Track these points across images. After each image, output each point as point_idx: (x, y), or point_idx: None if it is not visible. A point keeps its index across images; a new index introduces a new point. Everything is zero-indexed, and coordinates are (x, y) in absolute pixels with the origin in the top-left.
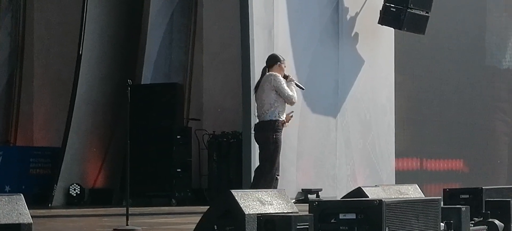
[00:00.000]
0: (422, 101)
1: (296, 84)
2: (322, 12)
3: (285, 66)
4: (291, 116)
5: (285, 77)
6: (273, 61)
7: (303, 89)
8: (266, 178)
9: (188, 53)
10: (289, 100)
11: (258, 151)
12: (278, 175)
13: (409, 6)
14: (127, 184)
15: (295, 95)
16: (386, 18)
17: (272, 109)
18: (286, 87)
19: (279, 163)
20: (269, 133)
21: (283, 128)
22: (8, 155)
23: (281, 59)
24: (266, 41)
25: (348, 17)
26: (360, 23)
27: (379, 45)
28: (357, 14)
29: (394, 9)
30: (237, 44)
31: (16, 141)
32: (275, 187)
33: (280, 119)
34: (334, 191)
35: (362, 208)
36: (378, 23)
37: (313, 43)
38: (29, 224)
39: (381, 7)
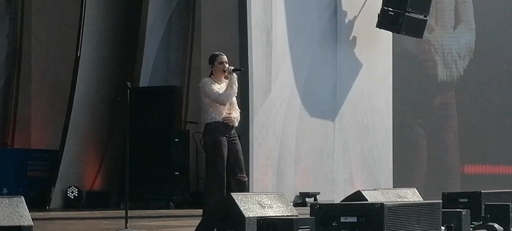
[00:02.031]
0: None
1: (234, 70)
2: (320, 16)
3: (220, 63)
4: (229, 114)
5: (224, 71)
6: (210, 63)
7: (242, 70)
8: (211, 181)
9: (186, 56)
10: (217, 100)
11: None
12: (243, 177)
13: (407, 10)
14: (126, 187)
15: (228, 92)
16: (384, 22)
17: (207, 113)
18: (213, 89)
19: (242, 165)
20: (207, 137)
21: (229, 129)
22: (5, 158)
23: (213, 59)
24: (264, 44)
25: (346, 20)
26: (358, 27)
27: (377, 49)
28: (355, 17)
29: (392, 13)
30: (235, 48)
31: (13, 143)
32: (243, 190)
33: (216, 120)
34: (332, 195)
35: (363, 211)
36: (376, 26)
37: (312, 46)
38: (30, 226)
39: (379, 11)
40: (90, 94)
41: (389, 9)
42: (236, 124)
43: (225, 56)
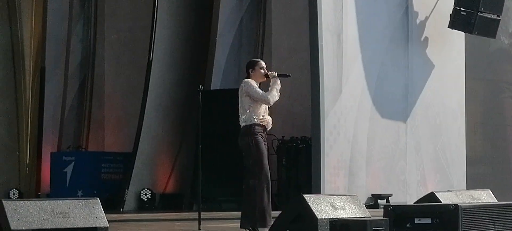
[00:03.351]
0: None
1: (280, 75)
2: (391, 17)
3: (261, 68)
4: (263, 117)
5: (266, 76)
6: (247, 68)
7: (289, 76)
8: (260, 182)
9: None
10: (262, 100)
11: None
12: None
13: (479, 10)
14: (199, 189)
15: (273, 93)
16: (456, 22)
17: (246, 115)
18: (257, 90)
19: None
20: (248, 138)
21: (266, 131)
22: (80, 161)
23: (254, 64)
24: (335, 46)
25: (417, 21)
26: (430, 27)
27: (449, 50)
28: (426, 18)
29: (465, 13)
30: (305, 50)
31: (88, 146)
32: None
33: (255, 122)
34: (404, 197)
35: (437, 213)
36: (448, 27)
37: (383, 47)
38: (106, 228)
39: (451, 11)
40: (163, 97)
41: (461, 9)
42: (269, 127)
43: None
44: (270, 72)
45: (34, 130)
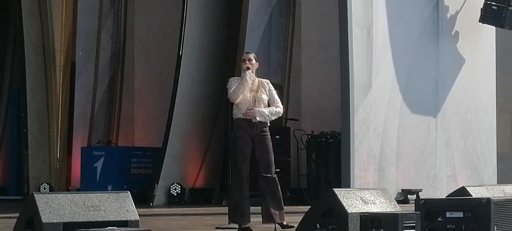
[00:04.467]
0: None
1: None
2: (421, 11)
3: (243, 60)
4: (249, 110)
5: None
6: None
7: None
8: (233, 177)
9: (286, 53)
10: (229, 98)
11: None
12: (271, 175)
13: (510, 4)
14: (228, 184)
15: (234, 89)
16: (487, 16)
17: (233, 109)
18: (230, 88)
19: (271, 162)
20: (232, 133)
21: (253, 125)
22: (110, 156)
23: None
24: (365, 41)
25: (448, 15)
26: (461, 21)
27: (480, 44)
28: (457, 12)
29: (496, 7)
30: (335, 44)
31: (117, 141)
32: (271, 186)
33: (238, 117)
34: (434, 192)
35: (469, 207)
36: (479, 21)
37: (413, 42)
38: (136, 221)
39: (482, 5)
40: (192, 92)
41: (492, 3)
42: (258, 120)
43: (250, 54)
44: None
45: (65, 125)
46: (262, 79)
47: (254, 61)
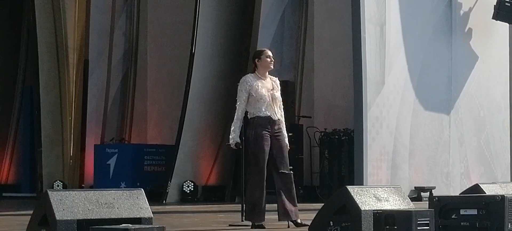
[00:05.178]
0: None
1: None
2: (434, 8)
3: (267, 57)
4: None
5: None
6: (253, 58)
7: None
8: (253, 175)
9: (299, 51)
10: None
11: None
12: (288, 171)
13: None
14: (241, 181)
15: (235, 126)
16: (500, 13)
17: (249, 108)
18: (240, 97)
19: (287, 159)
20: (249, 131)
21: (273, 123)
22: (123, 153)
23: (260, 53)
24: (378, 38)
25: (461, 12)
26: (474, 18)
27: (493, 41)
28: (470, 9)
29: (509, 4)
30: (348, 41)
31: (130, 139)
32: (287, 183)
33: (257, 115)
34: (447, 189)
35: (483, 204)
36: (493, 18)
37: (426, 39)
38: (150, 218)
39: (495, 2)
40: (205, 90)
41: (506, 0)
42: (277, 117)
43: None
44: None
45: (78, 123)
46: (272, 77)
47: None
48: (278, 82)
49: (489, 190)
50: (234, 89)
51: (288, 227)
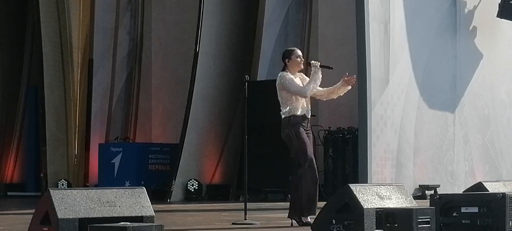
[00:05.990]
0: None
1: (322, 66)
2: (439, 6)
3: (297, 56)
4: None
5: (308, 64)
6: (283, 58)
7: (331, 68)
8: (305, 170)
9: (303, 50)
10: (299, 94)
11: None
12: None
13: None
14: (245, 180)
15: (311, 85)
16: (505, 11)
17: (285, 107)
18: (293, 84)
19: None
20: (288, 129)
21: (307, 121)
22: (128, 152)
23: (290, 53)
24: (382, 36)
25: (466, 10)
26: (478, 16)
27: (498, 39)
28: (475, 7)
29: None
30: (352, 40)
31: (135, 137)
32: (314, 173)
33: (295, 114)
34: (452, 187)
35: (484, 202)
36: (497, 16)
37: (430, 37)
38: (152, 217)
39: (499, 0)
40: (209, 89)
41: None
42: (309, 116)
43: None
44: (313, 61)
45: (82, 122)
46: (301, 74)
47: None
48: (307, 79)
49: (493, 188)
50: (238, 88)
51: (291, 226)
